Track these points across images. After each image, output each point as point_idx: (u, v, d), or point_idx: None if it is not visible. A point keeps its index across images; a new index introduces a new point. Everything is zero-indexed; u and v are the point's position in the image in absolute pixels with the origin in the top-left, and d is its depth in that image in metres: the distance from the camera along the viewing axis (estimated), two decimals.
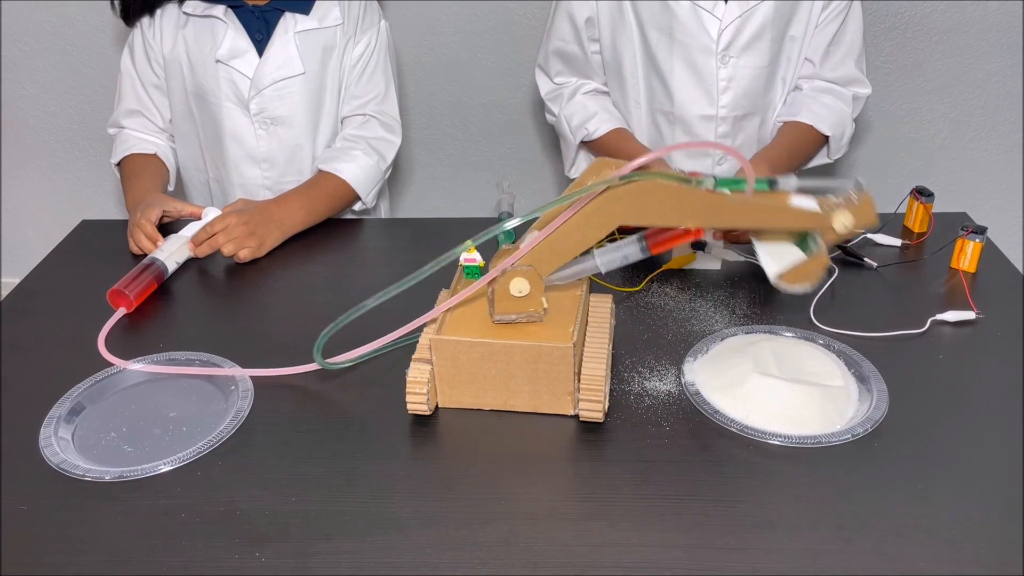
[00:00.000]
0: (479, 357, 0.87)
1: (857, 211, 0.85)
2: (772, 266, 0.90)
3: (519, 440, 0.87)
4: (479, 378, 0.88)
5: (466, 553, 0.74)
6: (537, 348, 0.85)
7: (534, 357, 0.86)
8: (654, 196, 0.81)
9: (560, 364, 0.85)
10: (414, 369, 0.88)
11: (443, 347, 0.87)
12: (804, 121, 1.30)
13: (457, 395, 0.90)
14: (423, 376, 0.88)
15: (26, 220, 2.30)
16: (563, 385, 0.87)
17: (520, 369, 0.87)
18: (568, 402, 0.88)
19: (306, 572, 0.73)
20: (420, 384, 0.87)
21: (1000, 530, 0.74)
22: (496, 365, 0.87)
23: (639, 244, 0.88)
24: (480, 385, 0.89)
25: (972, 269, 1.13)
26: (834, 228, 0.85)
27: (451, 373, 0.89)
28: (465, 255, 0.94)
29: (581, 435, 0.87)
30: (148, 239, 1.21)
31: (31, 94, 2.11)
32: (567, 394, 0.87)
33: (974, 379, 0.94)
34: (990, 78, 1.97)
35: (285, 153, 1.40)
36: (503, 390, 0.88)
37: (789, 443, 0.84)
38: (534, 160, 2.13)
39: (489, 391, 0.89)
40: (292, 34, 1.34)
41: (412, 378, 0.88)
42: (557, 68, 1.39)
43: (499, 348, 0.86)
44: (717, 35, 1.26)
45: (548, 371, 0.86)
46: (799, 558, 0.72)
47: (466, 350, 0.87)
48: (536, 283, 0.85)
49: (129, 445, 0.88)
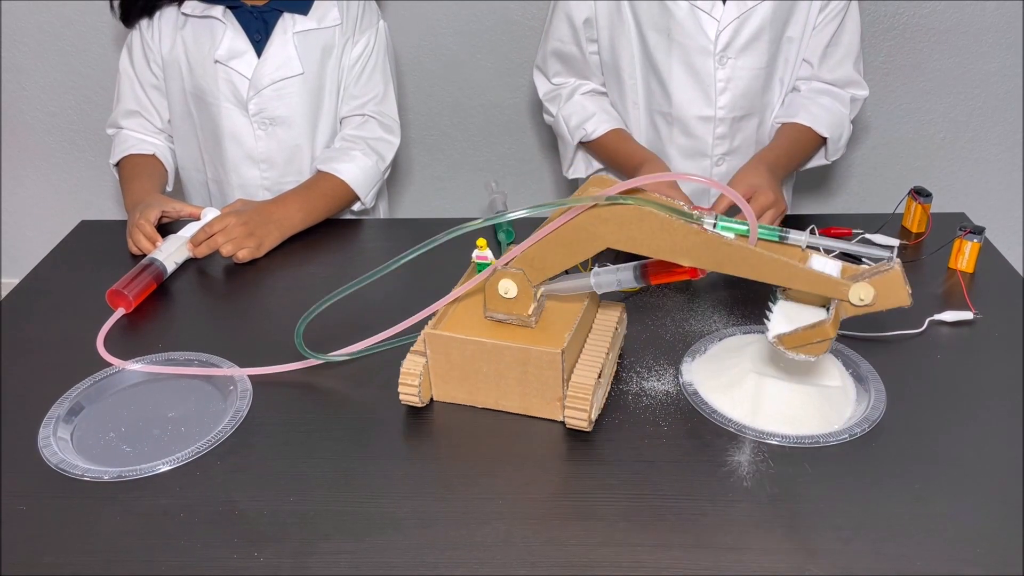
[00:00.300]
0: (471, 354, 0.87)
1: (882, 285, 0.77)
2: (777, 325, 0.82)
3: (517, 440, 0.87)
4: (472, 375, 0.89)
5: (464, 553, 0.74)
6: (526, 351, 0.85)
7: (523, 360, 0.86)
8: (644, 224, 0.78)
9: (549, 369, 0.85)
10: (408, 361, 0.89)
11: (436, 342, 0.88)
12: (802, 123, 1.30)
13: (451, 390, 0.91)
14: (416, 368, 0.89)
15: (25, 220, 2.30)
16: (552, 391, 0.87)
17: (510, 370, 0.87)
18: (557, 408, 0.88)
19: (304, 572, 0.73)
20: (412, 376, 0.88)
21: (998, 530, 0.75)
22: (487, 364, 0.87)
23: (634, 272, 0.85)
24: (473, 382, 0.89)
25: (970, 269, 1.13)
26: (850, 300, 0.78)
27: (445, 368, 0.89)
28: (477, 252, 0.94)
29: (579, 435, 0.87)
30: (147, 239, 1.21)
31: (31, 95, 2.11)
32: (556, 400, 0.87)
33: (972, 379, 0.94)
34: (989, 78, 1.97)
35: (284, 153, 1.40)
36: (495, 389, 0.89)
37: (787, 443, 0.84)
38: (533, 161, 2.13)
39: (482, 389, 0.89)
40: (291, 34, 1.34)
41: (406, 369, 0.89)
42: (555, 69, 1.39)
43: (489, 348, 0.86)
44: (715, 36, 1.26)
45: (537, 375, 0.86)
46: (797, 558, 0.72)
47: (458, 346, 0.87)
48: (524, 287, 0.84)
49: (128, 445, 0.88)
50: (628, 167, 1.32)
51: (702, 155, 1.36)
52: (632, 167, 1.29)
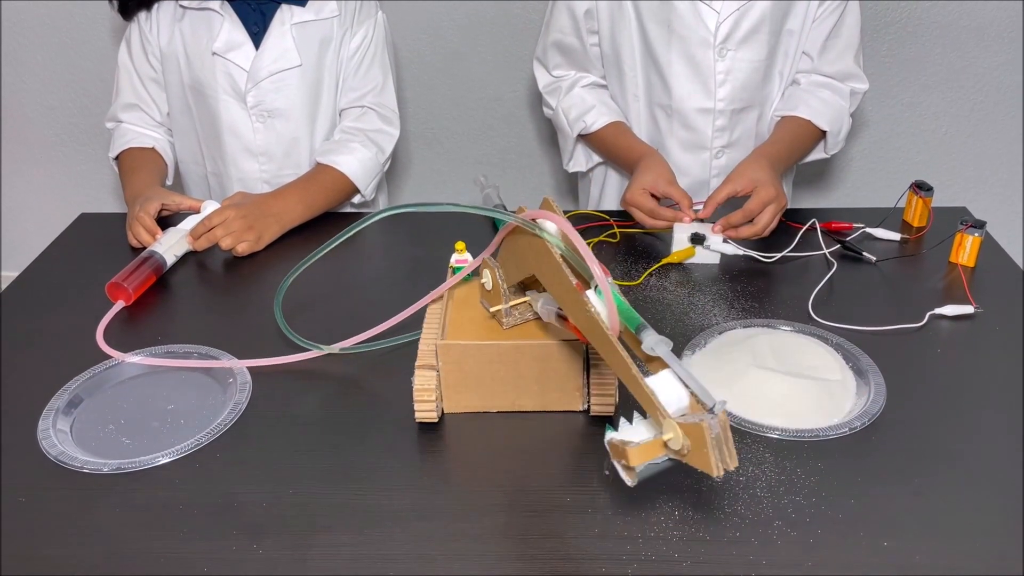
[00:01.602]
0: (487, 360, 0.85)
1: (692, 436, 0.61)
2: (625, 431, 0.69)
3: (516, 433, 0.87)
4: (487, 381, 0.87)
5: (463, 545, 0.74)
6: (548, 347, 0.85)
7: (544, 356, 0.85)
8: (542, 260, 0.74)
9: (571, 361, 0.85)
10: (420, 377, 0.85)
11: (450, 352, 0.85)
12: (802, 116, 1.30)
13: (464, 400, 0.88)
14: (430, 383, 0.85)
15: (25, 213, 2.30)
16: (572, 382, 0.87)
17: (529, 369, 0.86)
18: (578, 398, 0.88)
19: (304, 564, 0.73)
20: (428, 392, 0.85)
21: (998, 524, 0.75)
22: (505, 367, 0.86)
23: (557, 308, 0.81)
24: (488, 387, 0.87)
25: (971, 263, 1.13)
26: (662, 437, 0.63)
27: (457, 378, 0.87)
28: (457, 256, 0.93)
29: (577, 428, 0.87)
30: (147, 232, 1.21)
31: (30, 88, 2.10)
32: (576, 390, 0.87)
33: (972, 373, 0.94)
34: (990, 72, 1.97)
35: (283, 146, 1.40)
36: (511, 391, 0.88)
37: (787, 436, 0.84)
38: (532, 154, 2.13)
39: (498, 393, 0.88)
40: (288, 26, 1.33)
41: (420, 386, 0.84)
42: (555, 61, 1.39)
43: (508, 349, 0.85)
44: (715, 28, 1.26)
45: (558, 369, 0.86)
46: (796, 551, 0.72)
47: (474, 353, 0.85)
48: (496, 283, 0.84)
49: (127, 437, 0.88)
50: (627, 161, 1.32)
51: (701, 148, 1.36)
52: (631, 161, 1.29)
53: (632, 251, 1.21)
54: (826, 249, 1.17)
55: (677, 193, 1.18)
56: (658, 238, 1.24)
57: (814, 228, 1.20)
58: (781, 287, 1.11)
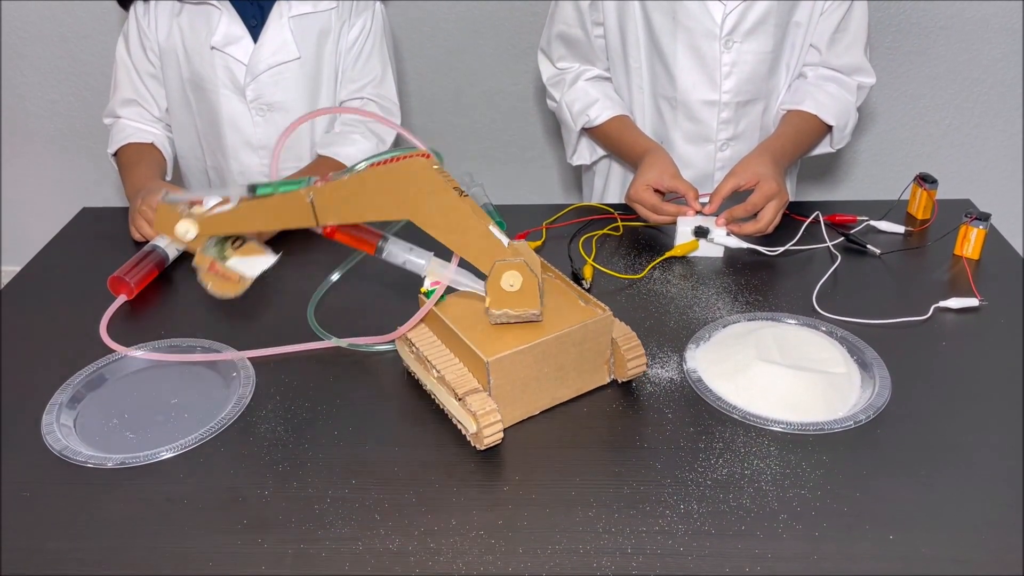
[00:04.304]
0: (533, 361, 0.84)
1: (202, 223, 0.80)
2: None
3: (518, 426, 0.87)
4: (532, 384, 0.85)
5: (468, 538, 0.74)
6: (583, 328, 0.85)
7: (581, 339, 0.85)
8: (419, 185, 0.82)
9: (603, 335, 0.86)
10: (476, 403, 0.81)
11: (502, 366, 0.82)
12: (808, 110, 1.29)
13: (512, 412, 0.86)
14: (489, 404, 0.81)
15: (27, 208, 2.30)
16: (601, 356, 0.88)
17: (568, 357, 0.86)
18: (605, 371, 0.89)
19: (309, 559, 0.73)
20: (493, 413, 0.81)
21: (1003, 516, 0.74)
22: (547, 364, 0.85)
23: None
24: (533, 391, 0.86)
25: (975, 256, 1.13)
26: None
27: (508, 392, 0.84)
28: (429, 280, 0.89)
29: (581, 422, 0.87)
30: (150, 225, 1.21)
31: (31, 82, 2.10)
32: (604, 364, 0.88)
33: (977, 366, 0.93)
34: (995, 64, 1.96)
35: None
36: (551, 386, 0.86)
37: (791, 430, 0.84)
38: (535, 148, 2.13)
39: (540, 393, 0.86)
40: (287, 19, 1.33)
41: (484, 411, 0.80)
42: (560, 52, 1.38)
43: (551, 344, 0.84)
44: (721, 20, 1.25)
45: (592, 347, 0.86)
46: (801, 544, 0.72)
47: (521, 359, 0.83)
48: (529, 279, 0.81)
49: (131, 431, 0.88)
50: (631, 156, 1.31)
51: (706, 140, 1.36)
52: (635, 156, 1.29)
53: (636, 244, 1.21)
54: (830, 242, 1.16)
55: (682, 186, 1.18)
56: (662, 231, 1.24)
57: (818, 221, 1.20)
58: (785, 280, 1.11)
